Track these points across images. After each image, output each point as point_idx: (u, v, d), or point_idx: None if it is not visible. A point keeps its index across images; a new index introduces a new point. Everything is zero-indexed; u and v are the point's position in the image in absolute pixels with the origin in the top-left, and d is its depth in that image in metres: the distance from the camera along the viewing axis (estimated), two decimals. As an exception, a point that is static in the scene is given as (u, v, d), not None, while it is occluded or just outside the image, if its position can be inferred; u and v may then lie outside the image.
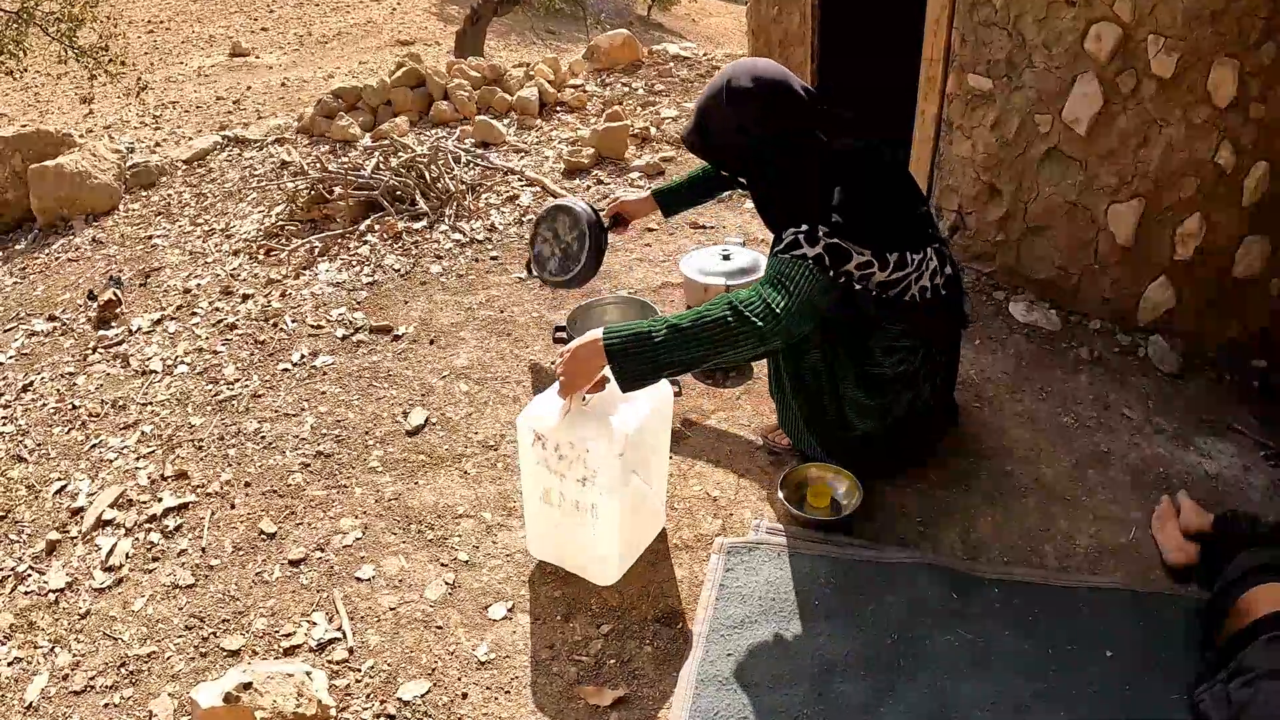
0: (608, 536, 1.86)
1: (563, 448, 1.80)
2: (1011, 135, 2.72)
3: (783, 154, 1.86)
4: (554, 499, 1.88)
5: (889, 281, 1.88)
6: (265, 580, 2.09)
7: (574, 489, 1.83)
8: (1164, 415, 2.41)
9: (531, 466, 1.88)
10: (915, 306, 1.94)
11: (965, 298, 2.10)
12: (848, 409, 2.06)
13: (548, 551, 2.02)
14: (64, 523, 2.40)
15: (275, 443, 2.54)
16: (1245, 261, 2.50)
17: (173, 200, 4.37)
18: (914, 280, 1.91)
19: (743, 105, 1.83)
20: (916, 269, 1.91)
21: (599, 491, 1.79)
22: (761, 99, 1.82)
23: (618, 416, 1.79)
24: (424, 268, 3.40)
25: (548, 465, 1.84)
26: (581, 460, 1.78)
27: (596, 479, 1.78)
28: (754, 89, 1.82)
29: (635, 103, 4.85)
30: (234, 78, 7.99)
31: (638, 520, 1.96)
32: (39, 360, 3.22)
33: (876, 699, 1.68)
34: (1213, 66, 2.28)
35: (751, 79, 1.82)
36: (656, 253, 3.41)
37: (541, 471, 1.87)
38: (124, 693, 1.88)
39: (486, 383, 2.72)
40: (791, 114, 1.84)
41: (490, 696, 1.76)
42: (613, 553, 1.90)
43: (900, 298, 1.91)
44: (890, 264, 1.86)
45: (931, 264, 1.94)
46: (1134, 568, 1.96)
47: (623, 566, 1.96)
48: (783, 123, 1.84)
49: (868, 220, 1.83)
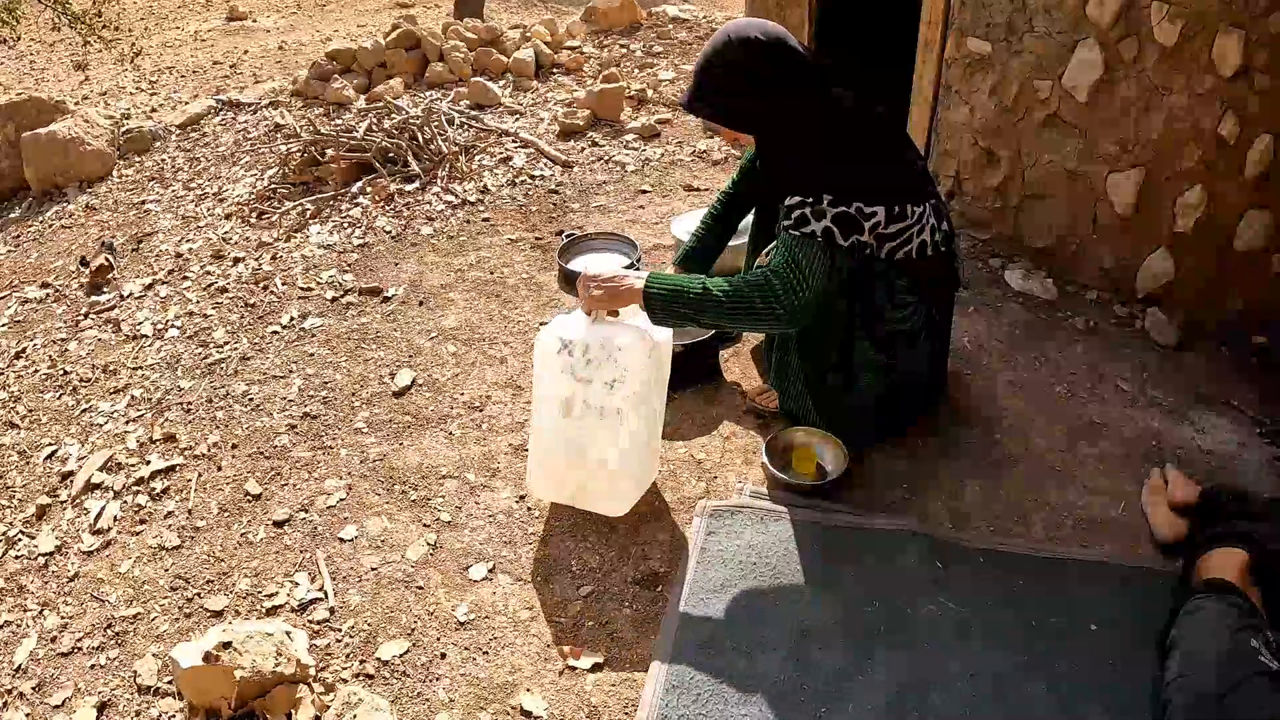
0: (630, 449, 1.86)
1: (592, 349, 1.82)
2: (1011, 101, 2.67)
3: (783, 108, 1.85)
4: (575, 409, 1.86)
5: (889, 234, 1.86)
6: (250, 541, 2.09)
7: (600, 394, 1.83)
8: (1159, 388, 2.38)
9: (553, 377, 1.87)
10: (915, 260, 1.92)
11: (959, 259, 2.07)
12: (856, 365, 2.02)
13: (553, 488, 2.00)
14: (54, 487, 2.40)
15: (263, 405, 2.53)
16: (1246, 235, 2.46)
17: (166, 165, 4.34)
18: (915, 234, 1.89)
19: (741, 60, 1.83)
20: (918, 222, 1.88)
21: (626, 393, 1.81)
22: (760, 53, 1.82)
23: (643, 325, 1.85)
24: (415, 229, 3.38)
25: (573, 372, 1.84)
26: (613, 359, 1.80)
27: (626, 379, 1.80)
28: (751, 42, 1.82)
29: (633, 65, 4.79)
30: (231, 42, 7.90)
31: (647, 454, 1.97)
32: (32, 327, 3.21)
33: (855, 667, 1.67)
34: (1217, 35, 2.23)
35: (748, 34, 1.82)
36: (649, 214, 3.38)
37: (565, 380, 1.86)
38: (110, 654, 1.89)
39: (474, 344, 2.70)
40: (790, 67, 1.83)
41: (468, 657, 1.76)
42: (630, 473, 1.90)
43: (899, 250, 1.89)
44: (893, 216, 1.85)
45: (930, 219, 1.92)
46: (1123, 541, 1.94)
47: (633, 498, 1.96)
48: (782, 76, 1.83)
49: (871, 173, 1.83)
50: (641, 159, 3.82)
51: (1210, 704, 1.36)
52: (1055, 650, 1.69)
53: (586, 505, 1.97)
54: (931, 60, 2.83)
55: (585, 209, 3.46)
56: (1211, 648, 1.44)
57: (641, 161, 3.80)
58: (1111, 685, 1.62)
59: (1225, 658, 1.41)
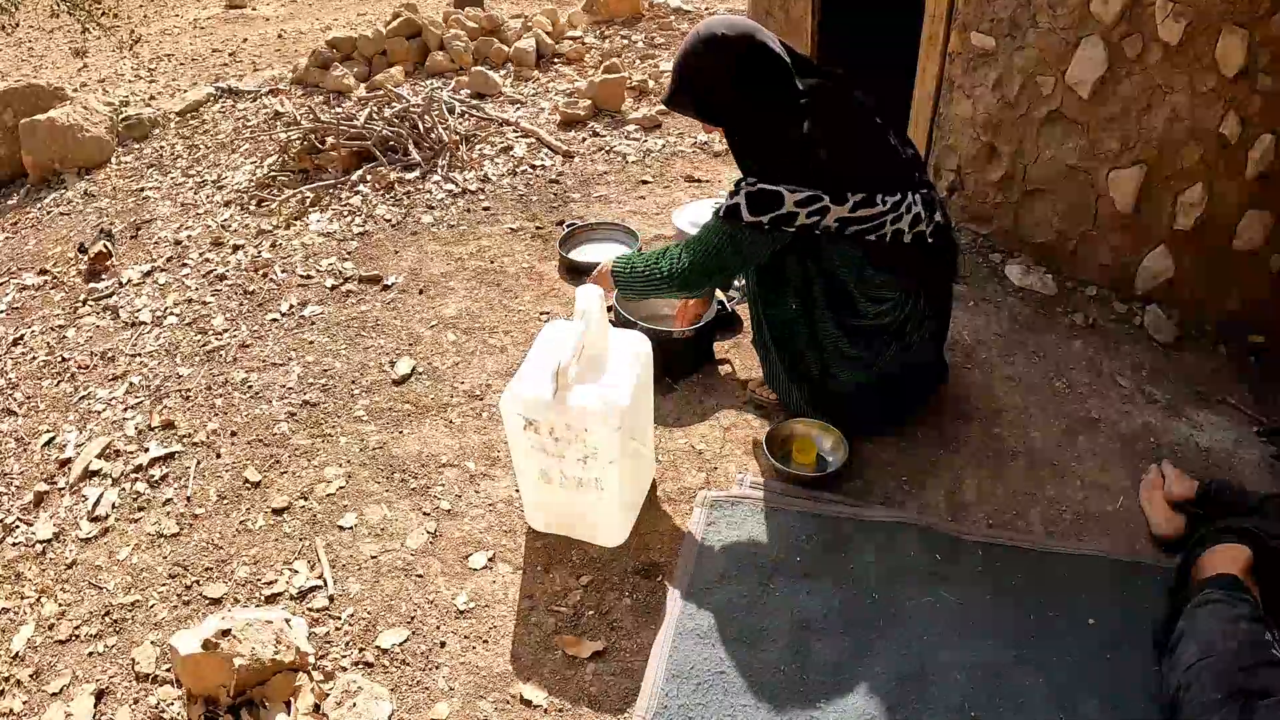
0: (614, 503, 1.84)
1: (558, 430, 1.74)
2: (1013, 96, 2.67)
3: (742, 100, 1.89)
4: (554, 478, 1.84)
5: (851, 219, 1.87)
6: (249, 529, 2.09)
7: (575, 468, 1.78)
8: (1157, 385, 2.39)
9: (525, 450, 1.82)
10: (888, 246, 1.92)
11: (958, 251, 2.08)
12: (830, 359, 2.05)
13: (549, 523, 1.99)
14: (52, 474, 2.40)
15: (262, 392, 2.52)
16: (1246, 234, 2.46)
17: (165, 152, 4.32)
18: (889, 221, 1.89)
19: (716, 53, 1.87)
20: (893, 211, 1.89)
21: (602, 466, 1.76)
22: (722, 49, 1.86)
23: (608, 389, 1.74)
24: (415, 218, 3.37)
25: (544, 449, 1.79)
26: (581, 440, 1.73)
27: (598, 456, 1.74)
28: (715, 39, 1.86)
29: (634, 55, 4.78)
30: (230, 30, 7.85)
31: (637, 477, 1.95)
32: (30, 314, 3.20)
33: (853, 658, 1.68)
34: (1221, 35, 2.23)
35: (715, 30, 1.87)
36: (650, 205, 3.38)
37: (537, 455, 1.81)
38: (108, 641, 1.88)
39: (474, 332, 2.70)
40: (753, 61, 1.87)
41: (468, 646, 1.77)
42: (620, 516, 1.89)
43: (869, 234, 1.89)
44: (852, 202, 1.85)
45: (915, 209, 1.92)
46: (1120, 536, 1.95)
47: (629, 525, 1.96)
48: (745, 71, 1.87)
49: (828, 158, 1.84)
50: (643, 149, 3.81)
51: (1236, 676, 1.38)
52: (1051, 643, 1.70)
53: (584, 538, 1.97)
54: (934, 54, 2.83)
55: (586, 199, 3.45)
56: (1229, 634, 1.45)
57: (643, 152, 3.79)
58: (1107, 679, 1.63)
59: (1245, 645, 1.43)
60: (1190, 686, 1.42)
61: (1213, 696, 1.38)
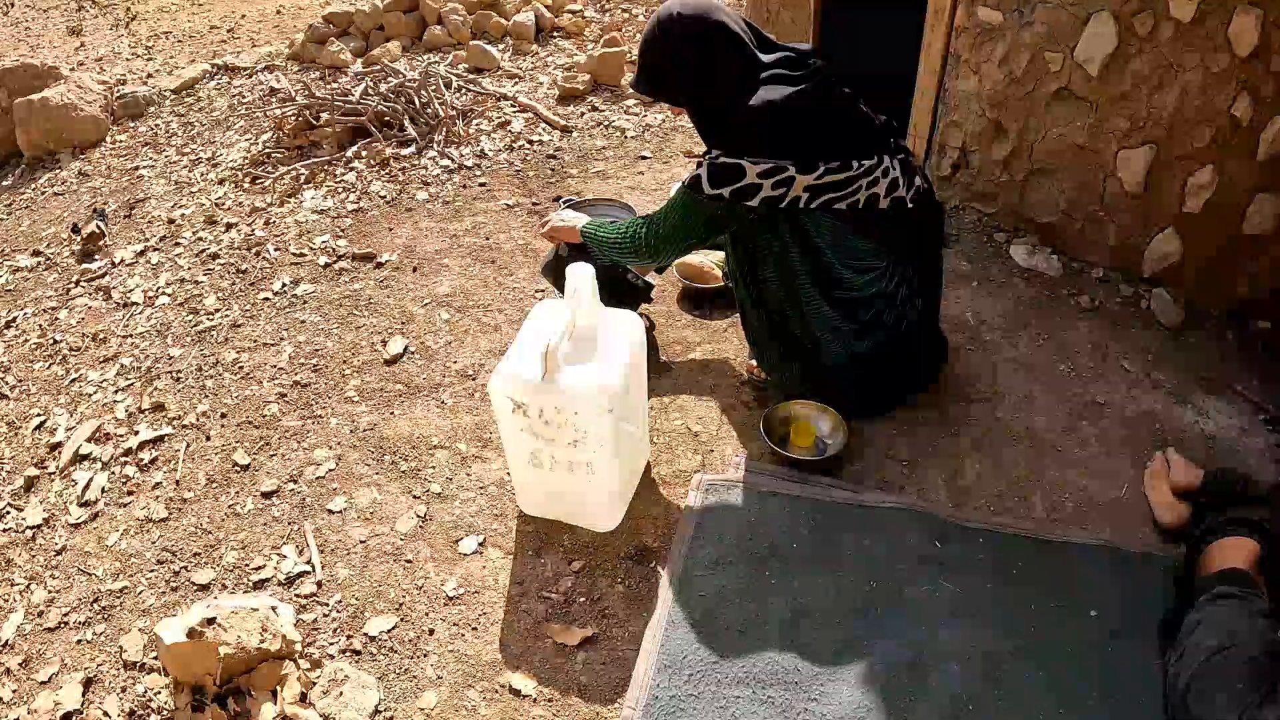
0: (606, 487, 1.81)
1: (548, 413, 1.70)
2: (1020, 72, 2.60)
3: (713, 75, 1.89)
4: (544, 462, 1.80)
5: (820, 185, 1.85)
6: (237, 513, 2.07)
7: (565, 451, 1.75)
8: (1163, 370, 2.34)
9: (515, 433, 1.78)
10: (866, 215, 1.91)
11: (944, 214, 2.05)
12: (820, 332, 2.02)
13: (541, 508, 1.95)
14: (42, 458, 2.37)
15: (253, 373, 2.49)
16: (1256, 218, 2.40)
17: (160, 130, 4.27)
18: (864, 186, 1.88)
19: (672, 34, 1.88)
20: (866, 174, 1.88)
21: (593, 449, 1.72)
22: (688, 24, 1.87)
23: (599, 369, 1.70)
24: (410, 194, 3.32)
25: (533, 432, 1.75)
26: (571, 424, 1.70)
27: (589, 439, 1.71)
28: (680, 16, 1.88)
29: (634, 29, 4.71)
30: (228, 6, 7.74)
31: (630, 460, 1.92)
32: (22, 295, 3.17)
33: (849, 647, 1.65)
34: (1235, 14, 2.17)
35: (671, 10, 1.89)
36: (649, 180, 3.33)
37: (526, 438, 1.77)
38: (96, 629, 1.87)
39: (468, 310, 2.66)
40: (718, 35, 1.88)
41: (457, 633, 1.74)
42: (613, 500, 1.86)
43: (840, 201, 1.88)
44: (822, 169, 1.84)
45: (892, 174, 1.92)
46: (1123, 524, 1.90)
47: (622, 509, 1.93)
48: (710, 43, 1.88)
49: (788, 126, 1.83)
50: (642, 125, 3.75)
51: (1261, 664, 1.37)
52: (1052, 632, 1.67)
53: (578, 523, 1.93)
54: (940, 29, 2.76)
55: (584, 174, 3.40)
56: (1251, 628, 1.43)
57: (642, 127, 3.73)
58: (1108, 668, 1.60)
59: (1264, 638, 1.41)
60: (1206, 676, 1.40)
61: (1235, 686, 1.36)
